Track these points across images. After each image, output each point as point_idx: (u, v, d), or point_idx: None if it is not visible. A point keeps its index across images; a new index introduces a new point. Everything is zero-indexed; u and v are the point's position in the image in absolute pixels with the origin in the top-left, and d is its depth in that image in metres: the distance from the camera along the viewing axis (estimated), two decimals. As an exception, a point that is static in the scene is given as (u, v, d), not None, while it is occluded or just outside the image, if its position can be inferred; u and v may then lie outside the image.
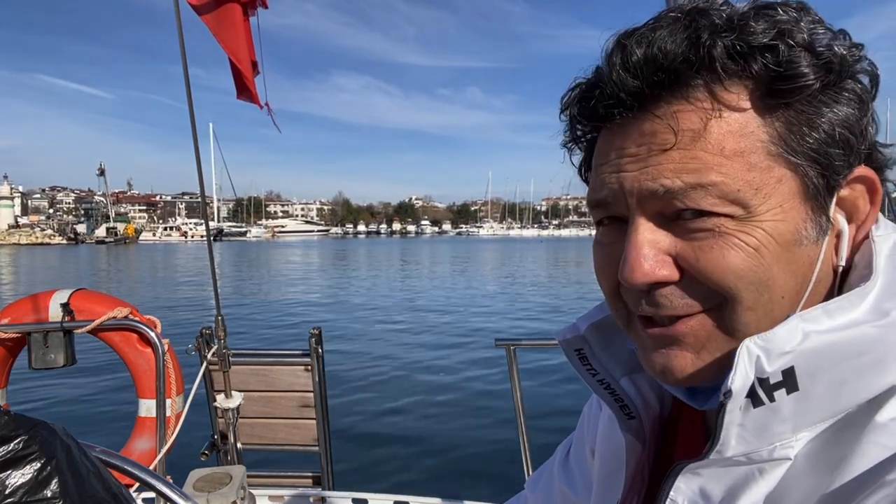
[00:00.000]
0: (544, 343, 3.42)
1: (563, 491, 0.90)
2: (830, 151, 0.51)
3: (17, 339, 3.08)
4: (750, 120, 0.50)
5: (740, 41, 0.49)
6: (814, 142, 0.50)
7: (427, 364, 10.50)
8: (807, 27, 0.50)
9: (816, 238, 0.53)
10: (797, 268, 0.52)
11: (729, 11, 0.51)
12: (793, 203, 0.51)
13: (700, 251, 0.51)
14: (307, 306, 19.18)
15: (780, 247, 0.51)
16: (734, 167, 0.50)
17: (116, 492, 0.65)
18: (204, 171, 2.85)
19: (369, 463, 6.00)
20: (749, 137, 0.50)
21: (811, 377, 0.48)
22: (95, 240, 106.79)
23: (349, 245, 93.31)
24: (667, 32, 0.51)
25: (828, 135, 0.50)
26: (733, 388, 0.48)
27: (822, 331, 0.48)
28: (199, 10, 2.69)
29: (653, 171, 0.52)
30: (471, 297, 21.98)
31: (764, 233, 0.50)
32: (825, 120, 0.50)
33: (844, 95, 0.51)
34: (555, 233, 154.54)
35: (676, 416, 0.71)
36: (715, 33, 0.50)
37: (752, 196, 0.50)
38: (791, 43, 0.49)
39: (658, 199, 0.52)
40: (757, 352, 0.48)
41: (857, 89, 0.52)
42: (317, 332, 3.12)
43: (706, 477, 0.54)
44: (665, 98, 0.52)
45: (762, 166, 0.50)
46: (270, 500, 3.02)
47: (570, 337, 0.69)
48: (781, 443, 0.50)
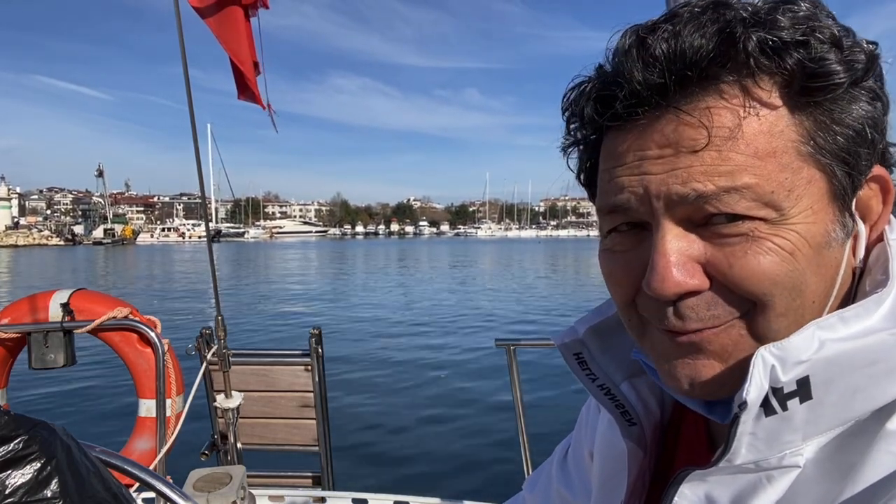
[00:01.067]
0: (544, 343, 3.42)
1: (561, 492, 0.89)
2: (858, 150, 0.49)
3: (17, 339, 3.07)
4: (781, 118, 0.48)
5: (773, 36, 0.47)
6: (844, 140, 0.49)
7: (427, 364, 10.51)
8: (834, 24, 0.49)
9: (843, 239, 0.51)
10: (826, 270, 0.51)
11: (752, 6, 0.49)
12: (822, 204, 0.49)
13: (733, 257, 0.49)
14: (306, 306, 19.19)
15: (812, 249, 0.49)
16: (767, 168, 0.47)
17: (116, 492, 0.65)
18: (203, 172, 2.84)
19: (369, 463, 6.00)
20: (780, 137, 0.48)
21: (825, 386, 0.46)
22: (93, 241, 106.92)
23: (347, 246, 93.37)
24: (693, 27, 0.48)
25: (856, 132, 0.49)
26: (748, 399, 0.46)
27: (838, 339, 0.46)
28: (201, 13, 2.70)
29: (682, 173, 0.49)
30: (470, 297, 21.97)
31: (798, 235, 0.48)
32: (853, 118, 0.49)
33: (868, 94, 0.50)
34: (553, 233, 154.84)
35: (678, 420, 0.70)
36: (746, 27, 0.47)
37: (784, 198, 0.48)
38: (821, 38, 0.47)
39: (688, 203, 0.49)
40: (772, 361, 0.46)
41: (875, 87, 0.50)
42: (317, 332, 3.12)
43: (712, 483, 0.53)
44: (696, 95, 0.49)
45: (793, 167, 0.48)
46: (270, 500, 3.02)
47: (569, 341, 0.68)
48: (791, 450, 0.49)
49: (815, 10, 0.49)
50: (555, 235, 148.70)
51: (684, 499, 0.54)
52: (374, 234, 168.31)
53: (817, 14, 0.49)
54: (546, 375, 8.56)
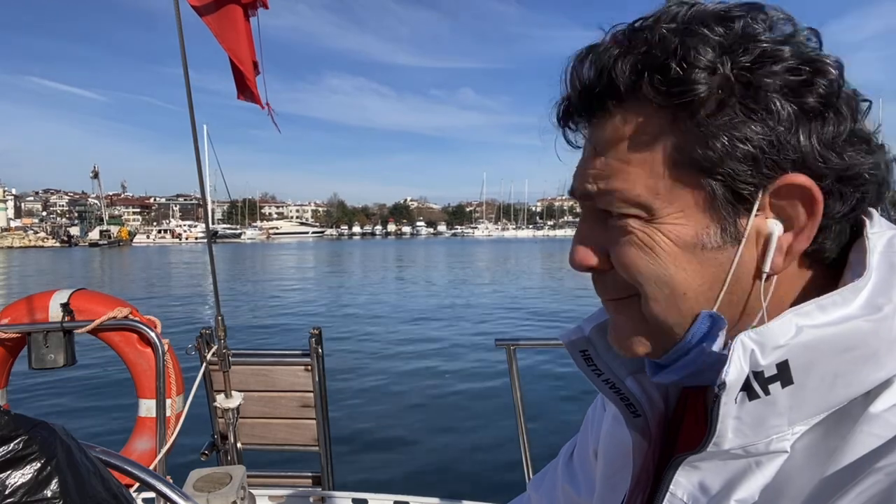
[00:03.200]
0: (544, 343, 3.43)
1: (567, 492, 0.91)
2: (731, 164, 0.52)
3: (17, 339, 3.07)
4: (655, 131, 0.55)
5: (642, 61, 0.53)
6: (713, 154, 0.52)
7: (427, 364, 10.53)
8: (729, 39, 0.52)
9: (723, 243, 0.55)
10: (702, 268, 0.56)
11: (663, 30, 0.53)
12: (695, 209, 0.55)
13: (616, 246, 0.58)
14: (306, 306, 19.21)
15: (679, 248, 0.55)
16: (637, 174, 0.55)
17: (116, 492, 0.65)
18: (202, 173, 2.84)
19: (369, 463, 6.01)
20: (652, 148, 0.55)
21: (805, 371, 0.49)
22: (89, 242, 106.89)
23: (344, 246, 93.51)
24: (587, 58, 0.58)
25: (727, 147, 0.52)
26: (727, 380, 0.49)
27: (815, 325, 0.49)
28: (200, 12, 2.69)
29: (585, 173, 0.60)
30: (469, 297, 22.00)
31: (662, 235, 0.55)
32: (726, 135, 0.52)
33: (757, 113, 0.51)
34: (550, 233, 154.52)
35: (681, 414, 0.72)
36: (621, 55, 0.55)
37: (652, 200, 0.55)
38: (686, 63, 0.51)
39: (587, 198, 0.60)
40: (751, 345, 0.49)
41: (776, 107, 0.51)
42: (317, 332, 3.12)
43: (705, 470, 0.56)
44: (593, 113, 0.59)
45: (664, 175, 0.55)
46: (270, 500, 3.02)
47: (575, 339, 0.71)
48: (778, 435, 0.52)
49: (706, 34, 0.52)
50: (552, 235, 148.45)
51: (679, 486, 0.58)
52: (371, 234, 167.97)
53: (707, 37, 0.52)
54: (546, 375, 8.57)
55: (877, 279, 0.51)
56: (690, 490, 0.57)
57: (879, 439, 0.47)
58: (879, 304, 0.50)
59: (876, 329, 0.49)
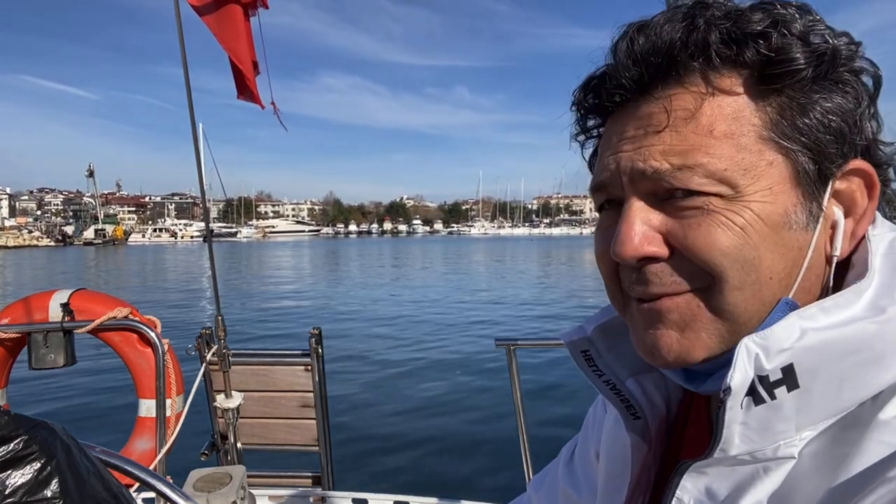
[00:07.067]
0: (544, 343, 3.43)
1: (567, 492, 0.90)
2: (822, 138, 0.52)
3: (17, 339, 3.07)
4: (742, 104, 0.52)
5: (735, 29, 0.51)
6: (805, 127, 0.52)
7: (427, 364, 10.53)
8: (804, 22, 0.52)
9: (807, 224, 0.53)
10: (786, 251, 0.53)
11: (730, 5, 0.53)
12: (783, 186, 0.52)
13: (689, 228, 0.53)
14: (305, 306, 19.19)
15: (768, 228, 0.52)
16: (723, 148, 0.51)
17: (116, 492, 0.65)
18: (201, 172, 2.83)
19: (369, 463, 6.00)
20: (740, 121, 0.52)
21: (811, 374, 0.48)
22: (84, 241, 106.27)
23: (341, 245, 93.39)
24: (666, 21, 0.54)
25: (819, 122, 0.52)
26: (732, 384, 0.48)
27: (819, 328, 0.48)
28: (199, 11, 2.68)
29: (644, 151, 0.54)
30: (468, 296, 22.00)
31: (751, 213, 0.51)
32: (817, 107, 0.51)
33: (839, 87, 0.52)
34: (545, 231, 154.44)
35: (683, 417, 0.71)
36: (711, 22, 0.52)
37: (740, 176, 0.51)
38: (784, 32, 0.51)
39: (648, 179, 0.54)
40: (756, 349, 0.48)
41: (852, 82, 0.53)
42: (317, 331, 3.12)
43: (712, 476, 0.55)
44: (666, 83, 0.54)
45: (753, 149, 0.52)
46: (270, 500, 3.02)
47: (577, 339, 0.70)
48: (785, 441, 0.51)
49: (796, 12, 0.52)
50: (547, 233, 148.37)
51: (686, 491, 0.57)
52: (367, 233, 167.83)
53: (798, 15, 0.52)
54: (546, 376, 8.58)
55: (880, 281, 0.51)
56: (697, 496, 0.56)
57: (890, 447, 0.46)
58: (883, 306, 0.49)
59: (881, 331, 0.48)
